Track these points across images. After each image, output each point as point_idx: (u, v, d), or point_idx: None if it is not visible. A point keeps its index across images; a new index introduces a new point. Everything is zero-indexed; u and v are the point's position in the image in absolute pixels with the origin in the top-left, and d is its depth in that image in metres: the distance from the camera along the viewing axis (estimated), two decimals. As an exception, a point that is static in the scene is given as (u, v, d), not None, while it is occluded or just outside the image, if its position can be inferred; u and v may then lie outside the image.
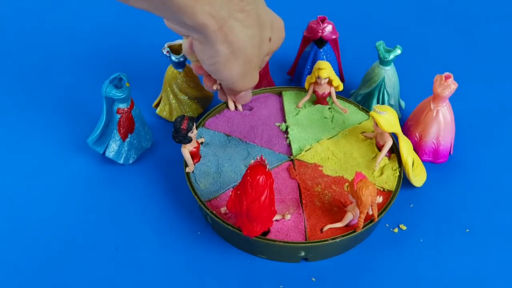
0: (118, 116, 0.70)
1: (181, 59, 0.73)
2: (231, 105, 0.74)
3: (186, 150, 0.67)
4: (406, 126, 0.75)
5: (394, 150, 0.70)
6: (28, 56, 0.88)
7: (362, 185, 0.59)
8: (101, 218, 0.68)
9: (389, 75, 0.75)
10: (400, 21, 0.95)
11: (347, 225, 0.63)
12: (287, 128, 0.73)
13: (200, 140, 0.71)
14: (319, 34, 0.76)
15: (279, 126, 0.74)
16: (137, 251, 0.65)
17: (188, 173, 0.68)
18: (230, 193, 0.60)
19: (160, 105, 0.78)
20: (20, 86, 0.84)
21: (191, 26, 0.52)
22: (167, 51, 0.72)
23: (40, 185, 0.71)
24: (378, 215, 0.63)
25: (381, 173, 0.68)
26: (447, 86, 0.68)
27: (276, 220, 0.63)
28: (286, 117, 0.75)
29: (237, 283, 0.63)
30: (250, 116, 0.75)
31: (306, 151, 0.71)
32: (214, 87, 0.67)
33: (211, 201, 0.66)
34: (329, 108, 0.76)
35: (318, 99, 0.75)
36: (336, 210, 0.65)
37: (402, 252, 0.65)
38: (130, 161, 0.73)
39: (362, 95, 0.78)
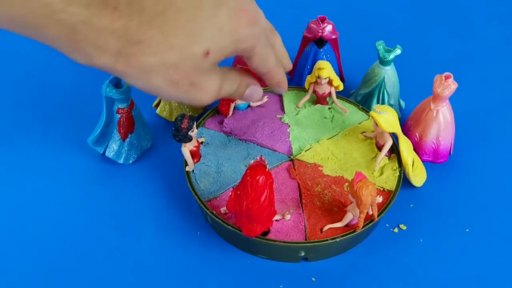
0: (118, 116, 0.69)
1: (181, 59, 0.73)
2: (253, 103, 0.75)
3: (187, 149, 0.67)
4: (406, 126, 0.75)
5: (394, 150, 0.70)
6: (28, 55, 0.88)
7: (362, 185, 0.59)
8: (101, 218, 0.68)
9: (389, 75, 0.75)
10: (400, 21, 0.95)
11: (347, 225, 0.63)
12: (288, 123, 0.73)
13: (200, 140, 0.71)
14: (319, 34, 0.76)
15: (280, 118, 0.74)
16: (137, 251, 0.65)
17: (188, 173, 0.68)
18: (230, 193, 0.60)
19: (160, 105, 0.78)
20: (20, 86, 0.84)
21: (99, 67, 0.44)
22: (167, 51, 0.72)
23: (40, 185, 0.71)
24: (378, 215, 0.63)
25: (381, 173, 0.68)
26: (447, 86, 0.68)
27: (276, 220, 0.63)
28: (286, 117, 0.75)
29: (237, 283, 0.63)
30: (250, 115, 0.75)
31: (306, 151, 0.71)
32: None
33: (211, 201, 0.66)
34: (329, 108, 0.76)
35: (318, 99, 0.75)
36: (336, 210, 0.65)
37: (402, 252, 0.65)
38: (130, 161, 0.73)
39: (362, 95, 0.78)
